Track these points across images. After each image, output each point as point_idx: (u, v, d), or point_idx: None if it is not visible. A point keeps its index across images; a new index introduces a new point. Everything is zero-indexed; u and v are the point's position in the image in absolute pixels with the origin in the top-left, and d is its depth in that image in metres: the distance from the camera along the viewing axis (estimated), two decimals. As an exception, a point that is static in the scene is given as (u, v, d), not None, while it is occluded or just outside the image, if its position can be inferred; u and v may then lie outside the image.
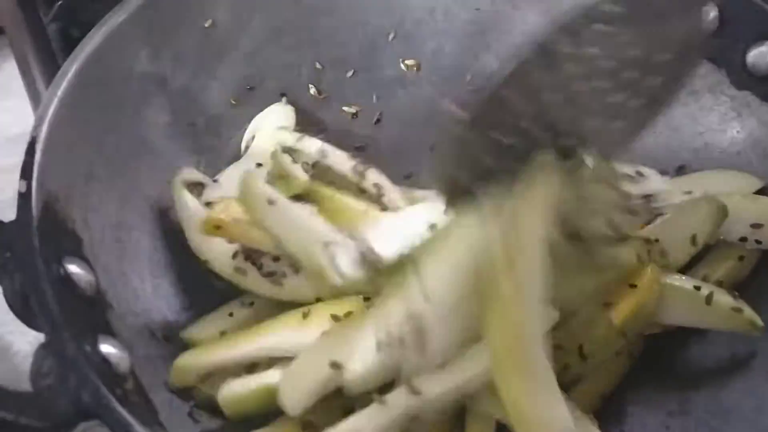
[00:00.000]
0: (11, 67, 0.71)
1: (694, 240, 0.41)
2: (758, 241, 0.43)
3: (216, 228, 0.41)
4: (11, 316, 0.71)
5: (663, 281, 0.39)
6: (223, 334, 0.41)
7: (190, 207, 0.44)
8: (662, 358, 0.43)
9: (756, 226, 0.42)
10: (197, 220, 0.42)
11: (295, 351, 0.37)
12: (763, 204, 0.43)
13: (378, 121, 0.57)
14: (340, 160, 0.49)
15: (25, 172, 0.36)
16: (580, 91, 0.33)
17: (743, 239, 0.43)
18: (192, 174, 0.47)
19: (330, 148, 0.49)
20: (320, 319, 0.38)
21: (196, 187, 0.47)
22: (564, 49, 0.31)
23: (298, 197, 0.44)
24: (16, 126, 0.71)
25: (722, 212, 0.41)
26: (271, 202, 0.40)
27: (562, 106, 0.33)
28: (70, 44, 0.43)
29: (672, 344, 0.43)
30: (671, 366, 0.44)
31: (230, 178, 0.47)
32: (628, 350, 0.41)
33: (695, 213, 0.42)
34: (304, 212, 0.41)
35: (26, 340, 0.58)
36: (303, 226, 0.40)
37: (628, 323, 0.38)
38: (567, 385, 0.37)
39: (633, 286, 0.38)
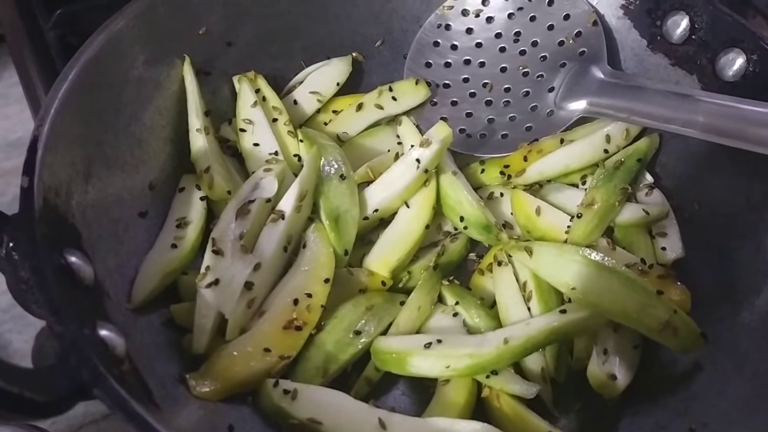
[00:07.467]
0: (10, 76, 0.73)
1: None
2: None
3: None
4: (9, 314, 0.72)
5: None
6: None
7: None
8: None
9: None
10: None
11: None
12: None
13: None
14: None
15: (28, 169, 0.38)
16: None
17: None
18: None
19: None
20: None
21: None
22: None
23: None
24: (15, 131, 0.73)
25: None
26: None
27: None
28: (68, 51, 0.43)
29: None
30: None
31: None
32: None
33: None
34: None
35: (23, 339, 0.59)
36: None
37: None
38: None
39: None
